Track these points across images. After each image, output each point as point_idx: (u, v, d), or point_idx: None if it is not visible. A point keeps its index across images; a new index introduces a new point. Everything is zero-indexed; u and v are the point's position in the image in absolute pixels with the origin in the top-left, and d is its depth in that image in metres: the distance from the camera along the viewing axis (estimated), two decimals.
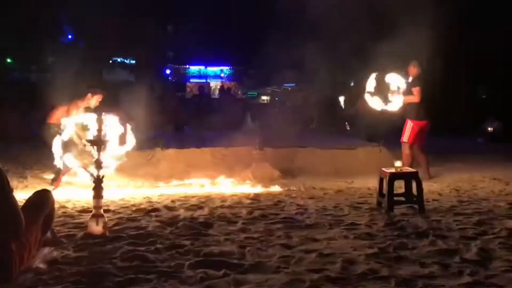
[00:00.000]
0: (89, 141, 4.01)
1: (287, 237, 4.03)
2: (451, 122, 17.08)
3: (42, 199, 3.31)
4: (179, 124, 16.63)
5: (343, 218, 4.75)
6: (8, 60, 25.67)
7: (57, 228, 4.01)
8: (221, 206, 5.27)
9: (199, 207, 5.23)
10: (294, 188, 6.48)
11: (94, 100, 6.75)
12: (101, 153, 4.02)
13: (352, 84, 12.31)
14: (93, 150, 4.00)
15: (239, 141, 8.77)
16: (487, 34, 16.57)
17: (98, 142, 3.97)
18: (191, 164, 7.86)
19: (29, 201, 3.33)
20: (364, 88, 7.84)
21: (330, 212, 4.99)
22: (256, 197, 5.83)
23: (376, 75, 7.28)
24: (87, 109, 6.15)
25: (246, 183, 6.87)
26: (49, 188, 4.93)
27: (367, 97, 7.34)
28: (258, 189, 6.43)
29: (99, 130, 4.02)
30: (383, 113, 8.22)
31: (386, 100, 7.28)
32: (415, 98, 7.18)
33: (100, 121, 4.03)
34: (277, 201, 5.58)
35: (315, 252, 3.60)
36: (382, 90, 7.26)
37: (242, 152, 8.18)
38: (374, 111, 8.61)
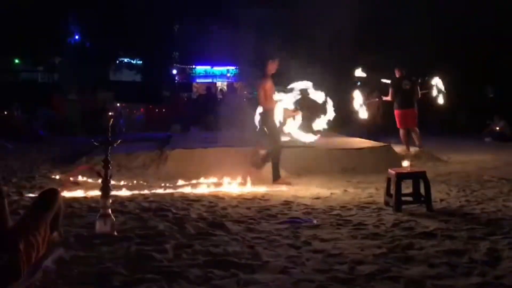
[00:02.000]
0: (97, 141, 4.04)
1: (294, 237, 4.02)
2: (458, 121, 17.05)
3: (50, 198, 3.30)
4: (186, 124, 16.68)
5: (350, 218, 4.73)
6: (16, 61, 25.86)
7: (65, 227, 4.02)
8: (228, 206, 5.27)
9: (206, 207, 5.24)
10: (301, 188, 6.46)
11: (274, 66, 7.09)
12: (109, 153, 4.03)
13: (359, 83, 12.50)
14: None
15: (246, 141, 8.78)
16: (495, 34, 16.51)
17: (107, 143, 3.98)
18: (198, 164, 7.87)
19: (37, 200, 3.33)
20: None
21: (338, 212, 4.98)
22: (263, 197, 5.83)
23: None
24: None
25: (253, 183, 6.86)
26: None
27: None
28: (265, 189, 6.42)
29: (107, 130, 4.04)
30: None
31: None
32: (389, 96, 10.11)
33: (108, 120, 4.04)
34: (284, 201, 5.57)
35: (323, 252, 3.59)
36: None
37: (249, 152, 8.18)
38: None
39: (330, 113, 6.99)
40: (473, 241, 3.83)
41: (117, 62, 26.00)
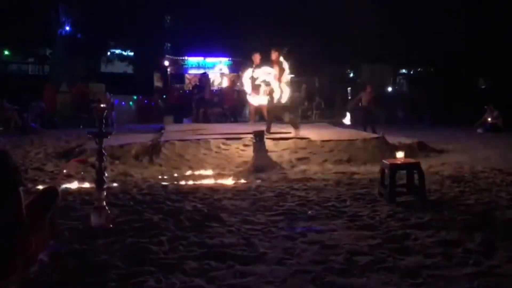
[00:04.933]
0: (91, 134, 4.01)
1: (289, 229, 4.02)
2: (451, 112, 17.16)
3: (50, 198, 3.27)
4: (179, 116, 16.66)
5: (345, 209, 4.74)
6: (6, 52, 25.58)
7: (59, 220, 3.99)
8: (223, 198, 5.26)
9: (200, 198, 5.22)
10: (295, 179, 6.46)
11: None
12: (102, 145, 4.01)
13: (358, 80, 12.71)
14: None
15: (239, 132, 8.77)
16: (488, 25, 16.58)
17: (101, 135, 3.95)
18: (193, 155, 7.85)
19: (37, 197, 3.30)
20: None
21: (332, 203, 4.98)
22: (257, 189, 5.81)
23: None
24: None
25: (247, 175, 6.85)
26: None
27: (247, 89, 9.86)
28: (259, 180, 6.41)
29: (100, 124, 4.00)
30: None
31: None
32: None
33: (101, 112, 4.01)
34: (279, 192, 5.57)
35: (318, 243, 3.60)
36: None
37: (242, 143, 8.17)
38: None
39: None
40: (467, 232, 3.85)
41: (109, 53, 25.80)
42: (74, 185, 6.05)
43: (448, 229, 3.94)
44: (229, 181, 6.39)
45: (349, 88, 17.79)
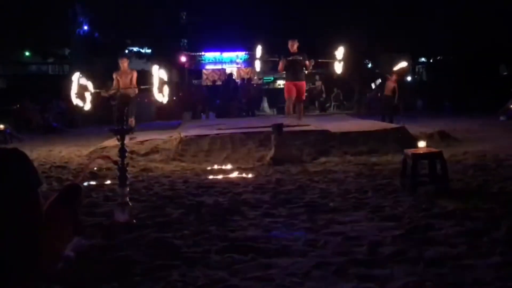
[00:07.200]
0: (112, 130, 4.05)
1: (311, 221, 4.02)
2: (472, 100, 16.89)
3: (74, 193, 3.32)
4: (199, 111, 16.78)
5: (367, 200, 4.71)
6: (26, 53, 25.97)
7: (83, 217, 4.05)
8: (244, 191, 5.27)
9: (221, 193, 5.25)
10: (316, 172, 6.44)
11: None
12: (124, 142, 4.05)
13: (377, 71, 12.57)
14: None
15: (258, 126, 8.77)
16: (508, 10, 16.23)
17: (122, 132, 3.99)
18: (212, 150, 7.89)
19: (61, 194, 3.34)
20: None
21: (354, 195, 4.95)
22: (277, 182, 5.81)
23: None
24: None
25: (267, 168, 6.86)
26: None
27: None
28: (279, 174, 6.41)
29: (121, 120, 4.04)
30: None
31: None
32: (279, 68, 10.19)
33: (122, 110, 4.05)
34: (299, 185, 5.56)
35: (341, 235, 3.58)
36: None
37: (261, 136, 8.18)
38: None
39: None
40: (492, 221, 3.77)
41: (126, 51, 25.99)
42: (97, 181, 6.13)
43: (472, 218, 3.88)
44: (249, 175, 6.40)
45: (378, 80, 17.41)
